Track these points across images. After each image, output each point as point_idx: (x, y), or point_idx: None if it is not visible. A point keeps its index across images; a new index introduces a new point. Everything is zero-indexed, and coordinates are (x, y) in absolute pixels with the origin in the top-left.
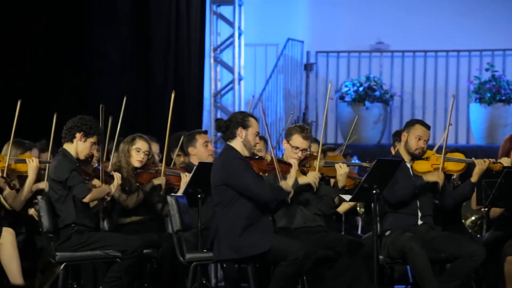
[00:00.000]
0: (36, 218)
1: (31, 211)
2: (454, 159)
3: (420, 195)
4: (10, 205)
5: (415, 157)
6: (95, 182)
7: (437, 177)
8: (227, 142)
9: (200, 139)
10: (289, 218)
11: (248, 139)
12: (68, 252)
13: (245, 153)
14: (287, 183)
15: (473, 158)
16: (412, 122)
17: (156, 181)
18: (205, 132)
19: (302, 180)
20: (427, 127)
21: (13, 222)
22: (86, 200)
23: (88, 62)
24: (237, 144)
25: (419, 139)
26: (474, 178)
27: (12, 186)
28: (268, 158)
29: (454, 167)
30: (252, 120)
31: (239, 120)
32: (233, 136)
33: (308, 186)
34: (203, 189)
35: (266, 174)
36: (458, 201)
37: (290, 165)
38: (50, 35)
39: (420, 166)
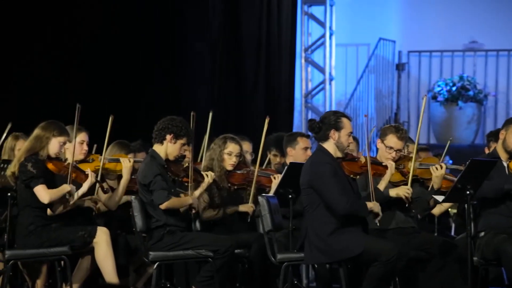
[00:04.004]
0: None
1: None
2: None
3: None
4: (105, 205)
5: None
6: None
7: None
8: (320, 143)
9: (301, 142)
10: (382, 220)
11: (341, 141)
12: (161, 252)
13: (337, 154)
14: (376, 204)
15: None
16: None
17: (242, 208)
18: (308, 136)
19: (394, 192)
20: None
21: (108, 221)
22: (162, 207)
23: (180, 63)
24: (329, 145)
25: None
26: None
27: (106, 191)
28: (363, 159)
29: None
30: (345, 120)
31: (332, 122)
32: (326, 138)
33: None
34: (294, 189)
35: (358, 177)
36: None
37: (386, 167)
38: (142, 35)
39: None
